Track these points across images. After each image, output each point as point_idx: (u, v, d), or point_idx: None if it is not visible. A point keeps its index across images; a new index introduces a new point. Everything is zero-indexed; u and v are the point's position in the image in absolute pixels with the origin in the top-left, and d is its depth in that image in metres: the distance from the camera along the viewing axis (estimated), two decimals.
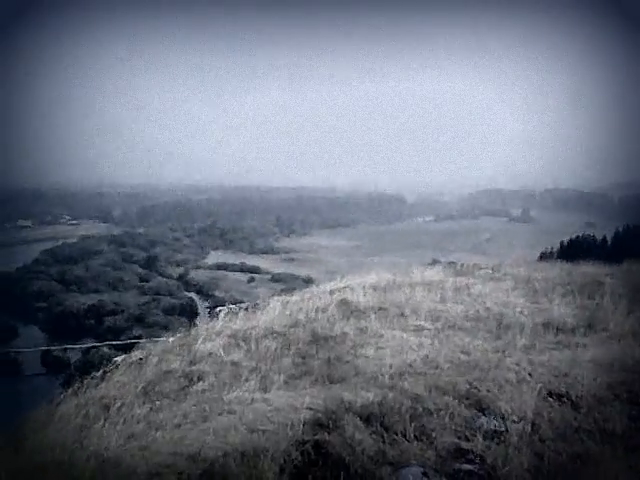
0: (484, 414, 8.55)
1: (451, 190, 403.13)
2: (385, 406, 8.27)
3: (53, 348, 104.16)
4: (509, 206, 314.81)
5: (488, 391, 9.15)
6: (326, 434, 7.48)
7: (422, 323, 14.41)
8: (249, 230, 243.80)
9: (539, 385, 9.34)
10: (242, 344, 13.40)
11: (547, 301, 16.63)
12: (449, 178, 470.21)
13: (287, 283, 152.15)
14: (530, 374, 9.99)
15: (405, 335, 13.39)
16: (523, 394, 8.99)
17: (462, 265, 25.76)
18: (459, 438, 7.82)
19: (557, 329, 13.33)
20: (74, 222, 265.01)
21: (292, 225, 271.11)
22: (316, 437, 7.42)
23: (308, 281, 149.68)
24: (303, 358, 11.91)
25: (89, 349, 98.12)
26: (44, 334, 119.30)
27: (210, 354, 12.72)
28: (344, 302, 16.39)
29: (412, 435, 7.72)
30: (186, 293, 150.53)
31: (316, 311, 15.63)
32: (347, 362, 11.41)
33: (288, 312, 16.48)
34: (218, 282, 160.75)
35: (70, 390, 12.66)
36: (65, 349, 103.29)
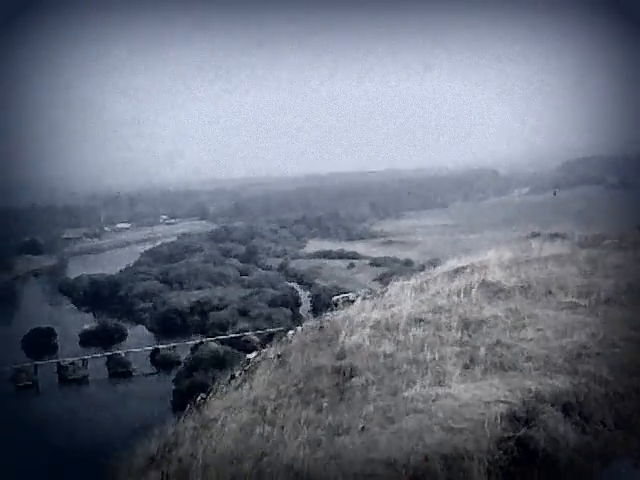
0: None
1: (545, 160, 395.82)
2: (578, 393, 7.70)
3: (161, 347, 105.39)
4: (606, 173, 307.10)
5: None
6: (527, 429, 6.96)
7: (573, 299, 13.66)
8: (344, 216, 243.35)
9: None
10: (387, 334, 12.86)
11: None
12: (542, 148, 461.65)
13: (388, 267, 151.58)
14: None
15: (560, 313, 12.69)
16: None
17: (585, 237, 24.86)
18: None
19: None
20: (172, 221, 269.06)
21: (386, 208, 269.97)
22: (518, 433, 6.90)
23: (408, 264, 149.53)
24: (461, 345, 11.29)
25: (197, 345, 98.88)
26: (151, 333, 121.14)
27: (358, 347, 12.20)
28: (484, 283, 15.71)
29: (612, 423, 7.15)
30: (287, 283, 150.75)
31: (458, 294, 14.98)
32: (511, 347, 10.76)
33: (424, 297, 15.90)
34: (318, 270, 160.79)
35: (212, 394, 12.44)
36: (174, 347, 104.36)
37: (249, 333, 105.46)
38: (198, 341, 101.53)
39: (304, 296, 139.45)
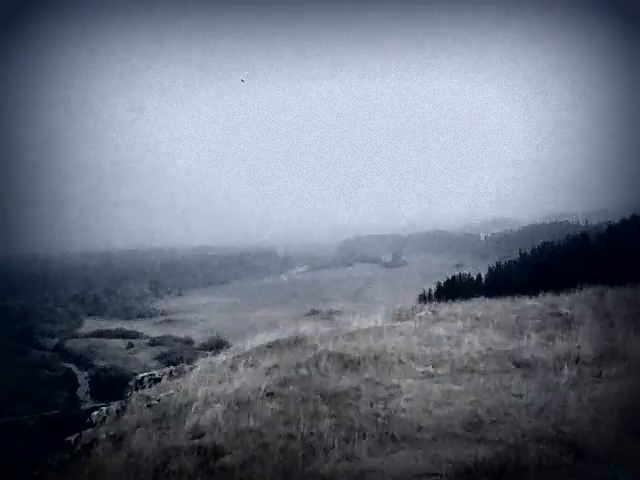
0: (584, 460, 7.69)
1: (322, 239, 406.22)
2: (503, 463, 7.30)
3: None
4: (380, 252, 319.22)
5: (574, 434, 8.28)
6: None
7: (428, 369, 13.43)
8: (122, 294, 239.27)
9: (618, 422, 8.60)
10: (241, 409, 12.06)
11: (530, 337, 15.90)
12: (321, 226, 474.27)
13: (168, 346, 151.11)
14: (596, 409, 9.26)
15: (422, 383, 12.37)
16: (606, 433, 8.18)
17: (399, 309, 25.10)
18: None
19: (581, 362, 12.54)
20: None
21: (166, 286, 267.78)
22: None
23: (188, 342, 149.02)
24: (333, 418, 10.65)
25: None
26: None
27: (214, 423, 11.33)
28: (330, 354, 15.23)
29: None
30: (64, 364, 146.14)
31: (306, 366, 14.40)
32: (391, 418, 10.26)
33: (259, 371, 15.23)
34: (96, 350, 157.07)
35: None
36: None
37: (24, 417, 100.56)
38: None
39: (82, 377, 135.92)
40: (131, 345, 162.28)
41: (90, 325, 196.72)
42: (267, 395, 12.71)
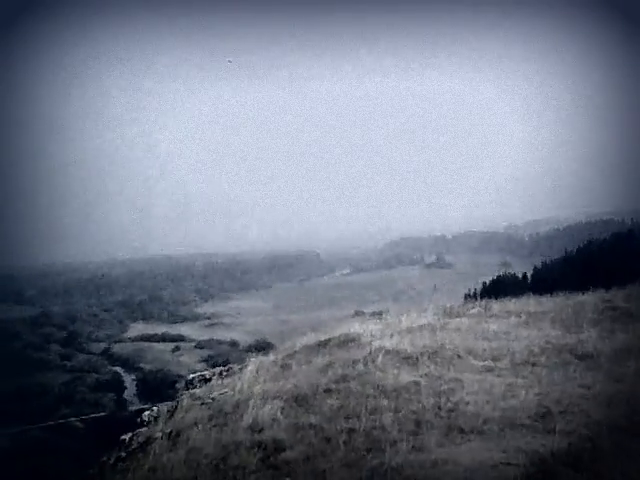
0: None
1: (365, 242, 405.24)
2: (578, 453, 7.12)
3: None
4: (422, 253, 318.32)
5: None
6: None
7: (488, 363, 13.25)
8: (167, 298, 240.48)
9: None
10: (299, 406, 11.97)
11: (589, 330, 15.65)
12: (363, 230, 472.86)
13: (213, 349, 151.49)
14: None
15: (484, 376, 12.20)
16: None
17: (450, 307, 24.84)
18: None
19: None
20: None
21: (210, 290, 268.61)
22: None
23: (234, 345, 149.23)
24: (397, 412, 10.52)
25: (19, 433, 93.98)
26: None
27: (274, 419, 11.23)
28: (387, 351, 15.08)
29: None
30: (111, 368, 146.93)
31: (364, 363, 14.25)
32: (455, 410, 10.12)
33: (313, 369, 15.12)
34: (142, 354, 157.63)
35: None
36: None
37: (73, 419, 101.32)
38: (19, 429, 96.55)
39: (129, 380, 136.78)
40: (177, 348, 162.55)
41: (136, 329, 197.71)
42: (325, 391, 12.60)
